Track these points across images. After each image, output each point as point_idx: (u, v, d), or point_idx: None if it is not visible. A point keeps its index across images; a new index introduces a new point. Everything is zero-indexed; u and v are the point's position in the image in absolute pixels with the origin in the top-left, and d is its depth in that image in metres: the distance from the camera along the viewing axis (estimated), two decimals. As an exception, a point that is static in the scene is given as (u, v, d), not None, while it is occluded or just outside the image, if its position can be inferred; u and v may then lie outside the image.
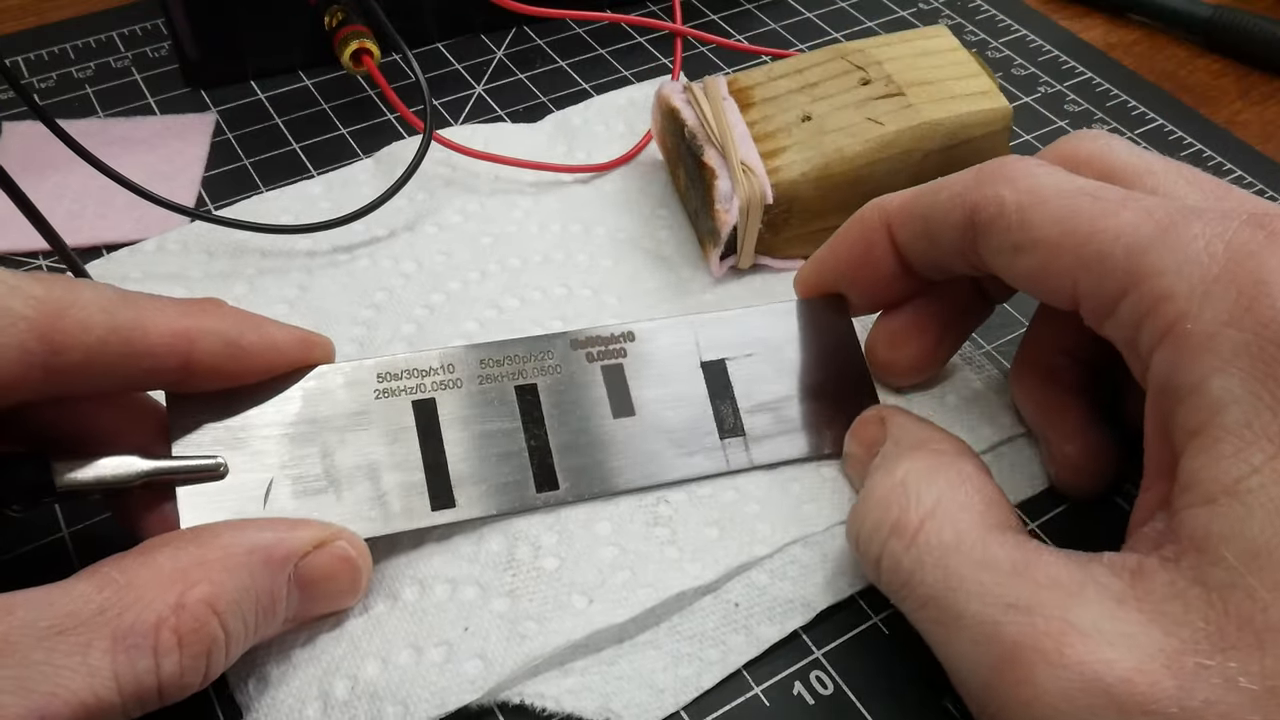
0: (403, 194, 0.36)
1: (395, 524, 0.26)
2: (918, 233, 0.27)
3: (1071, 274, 0.24)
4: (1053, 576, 0.21)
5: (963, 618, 0.22)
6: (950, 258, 0.27)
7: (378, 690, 0.25)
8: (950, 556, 0.22)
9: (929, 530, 0.23)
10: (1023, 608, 0.21)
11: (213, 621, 0.22)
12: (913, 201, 0.28)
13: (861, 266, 0.29)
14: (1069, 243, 0.23)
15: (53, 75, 0.44)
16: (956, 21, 0.48)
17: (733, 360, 0.30)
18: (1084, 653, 0.20)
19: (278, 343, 0.26)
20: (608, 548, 0.27)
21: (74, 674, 0.20)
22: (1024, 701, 0.20)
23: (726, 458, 0.29)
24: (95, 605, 0.21)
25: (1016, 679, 0.20)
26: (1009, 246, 0.25)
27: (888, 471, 0.25)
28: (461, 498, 0.27)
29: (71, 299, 0.23)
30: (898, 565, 0.23)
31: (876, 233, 0.28)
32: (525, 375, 0.28)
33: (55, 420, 0.25)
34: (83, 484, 0.24)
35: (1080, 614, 0.20)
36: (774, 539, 0.28)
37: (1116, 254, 0.22)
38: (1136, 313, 0.22)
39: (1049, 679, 0.20)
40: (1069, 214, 0.24)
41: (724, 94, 0.35)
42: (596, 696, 0.25)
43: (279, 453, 0.26)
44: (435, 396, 0.28)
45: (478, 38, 0.46)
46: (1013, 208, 0.24)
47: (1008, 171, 0.25)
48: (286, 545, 0.24)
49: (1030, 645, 0.20)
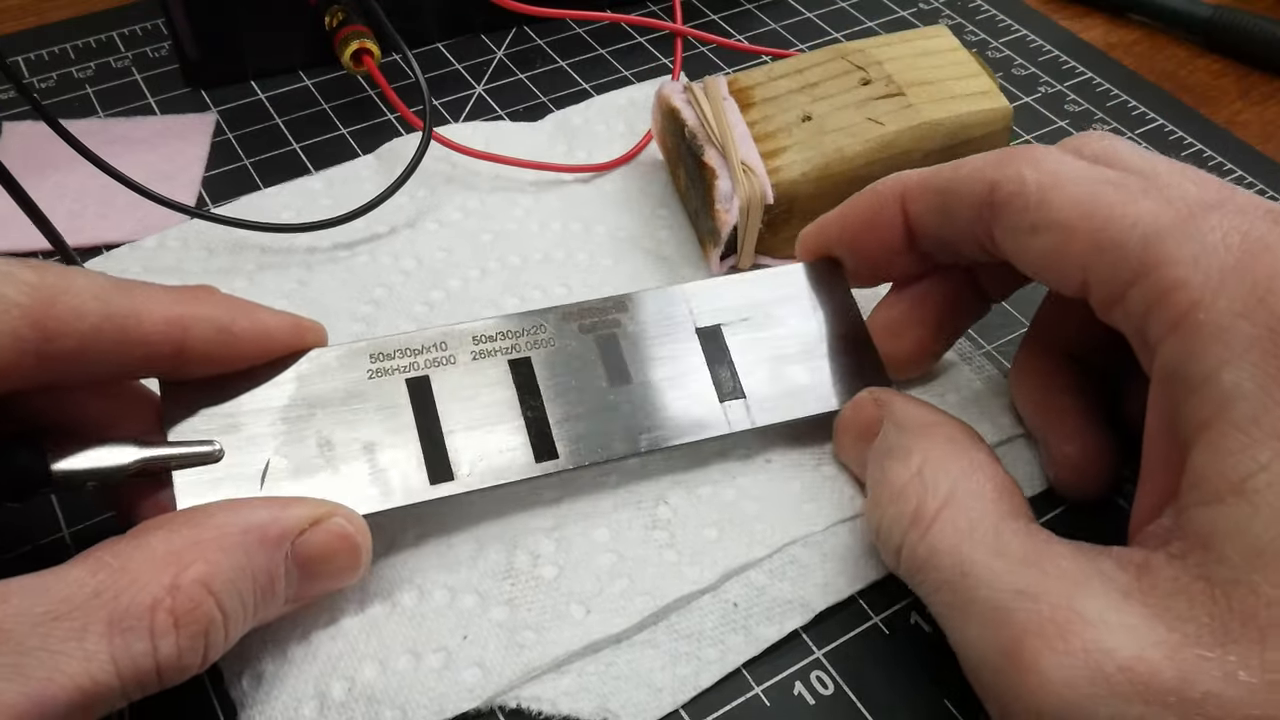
0: (403, 190, 0.36)
1: (394, 499, 0.26)
2: (933, 206, 0.27)
3: (1084, 258, 0.23)
4: (1061, 567, 0.21)
5: (974, 603, 0.22)
6: (962, 236, 0.27)
7: (375, 693, 0.25)
8: (964, 543, 0.23)
9: (944, 519, 0.23)
10: (1031, 595, 0.21)
11: (208, 601, 0.21)
12: (932, 176, 0.27)
13: (868, 233, 0.29)
14: (1085, 226, 0.23)
15: (53, 75, 0.44)
16: (956, 21, 0.48)
17: (728, 325, 0.30)
18: (1088, 640, 0.20)
19: (270, 328, 0.26)
20: (606, 554, 0.27)
21: (70, 659, 0.20)
22: (1030, 686, 0.20)
23: (728, 420, 0.29)
24: (90, 589, 0.20)
25: (1023, 664, 0.20)
26: (1025, 226, 0.25)
27: (903, 461, 0.25)
28: (460, 471, 0.27)
29: (65, 285, 0.23)
30: (914, 553, 0.24)
31: (890, 203, 0.28)
32: (519, 349, 0.28)
33: (48, 409, 0.25)
34: (77, 472, 0.24)
35: (1086, 604, 0.20)
36: (773, 540, 0.28)
37: (1132, 240, 0.22)
38: (1147, 300, 0.22)
39: (1053, 665, 0.20)
40: (1089, 198, 0.24)
41: (724, 94, 0.35)
42: (594, 697, 0.25)
43: (274, 435, 0.26)
44: (429, 374, 0.27)
45: (478, 38, 0.46)
46: (1033, 187, 0.24)
47: (1032, 154, 0.25)
48: (282, 523, 0.23)
49: (1037, 631, 0.20)
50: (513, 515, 0.28)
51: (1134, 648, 0.20)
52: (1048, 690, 0.20)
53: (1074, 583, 0.21)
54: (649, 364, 0.29)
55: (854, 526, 0.28)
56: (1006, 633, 0.21)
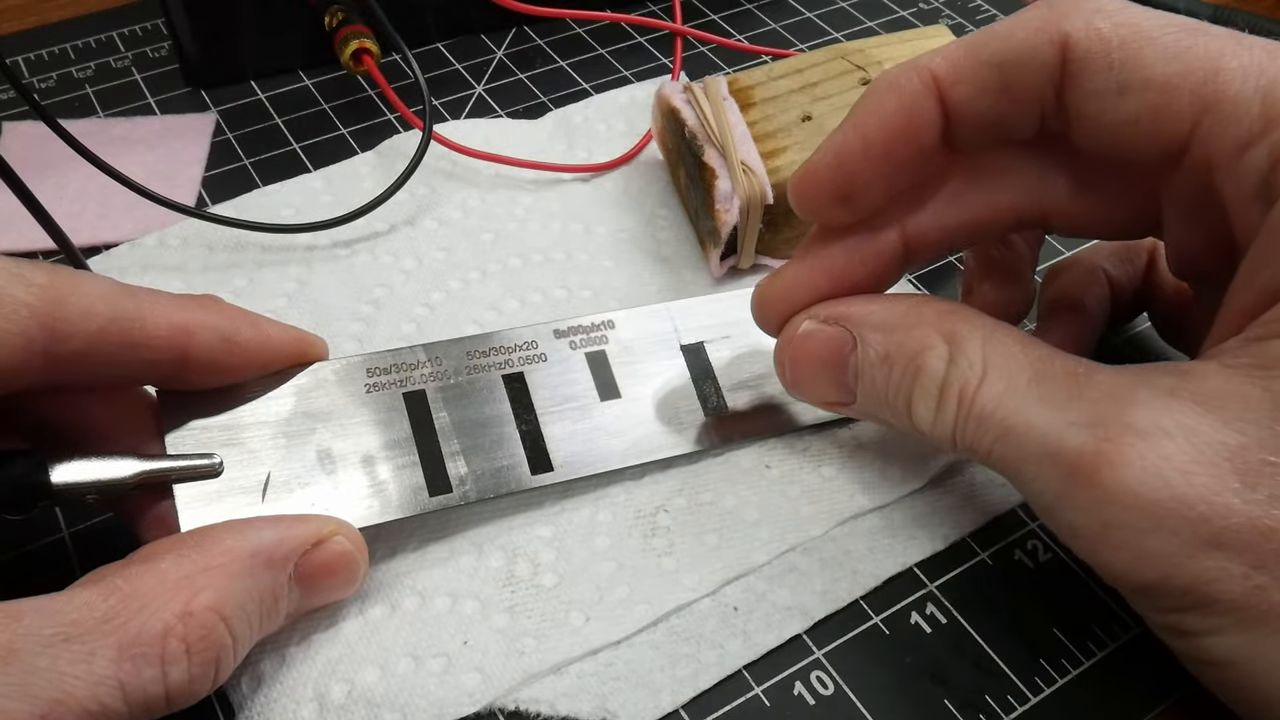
0: (403, 188, 0.36)
1: (393, 512, 0.26)
2: (988, 85, 0.24)
3: (1191, 116, 0.22)
4: (1106, 388, 0.21)
5: (1027, 447, 0.22)
6: (1023, 112, 0.24)
7: (375, 696, 0.25)
8: (1006, 402, 0.22)
9: (984, 390, 0.23)
10: (1083, 422, 0.21)
11: (220, 628, 0.22)
12: (977, 49, 0.24)
13: (900, 146, 0.24)
14: (1190, 82, 0.21)
15: (53, 75, 0.44)
16: (956, 22, 0.48)
17: (710, 343, 0.31)
18: (1144, 449, 0.20)
19: (273, 340, 0.26)
20: (605, 562, 0.27)
21: (79, 681, 0.20)
22: (1092, 504, 0.21)
23: (713, 435, 0.29)
24: (100, 613, 0.21)
25: (1084, 484, 0.21)
26: (1113, 87, 0.22)
27: (934, 356, 0.24)
28: (457, 484, 0.27)
29: (73, 287, 0.23)
30: (965, 431, 0.23)
31: (923, 96, 0.24)
32: (511, 365, 0.29)
33: (51, 413, 0.25)
34: (78, 485, 0.24)
35: (1136, 414, 0.20)
36: (772, 546, 0.28)
37: (1249, 94, 0.21)
38: (1273, 156, 0.21)
39: (1113, 480, 0.20)
40: (1185, 49, 0.22)
41: (724, 94, 0.35)
42: (593, 697, 0.25)
43: (274, 448, 0.26)
44: (425, 388, 0.28)
45: (478, 38, 0.46)
46: (1117, 41, 0.22)
47: (1092, 2, 0.23)
48: (287, 545, 0.24)
49: (1093, 451, 0.21)
50: (513, 523, 0.28)
51: (1190, 451, 0.20)
52: (1109, 503, 0.20)
53: (1119, 399, 0.21)
54: (637, 380, 0.30)
55: (854, 528, 0.28)
56: (1064, 460, 0.21)
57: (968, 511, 0.29)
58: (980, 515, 0.29)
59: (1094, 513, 0.21)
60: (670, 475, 0.29)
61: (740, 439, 0.30)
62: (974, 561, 0.28)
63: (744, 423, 0.30)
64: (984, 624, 0.27)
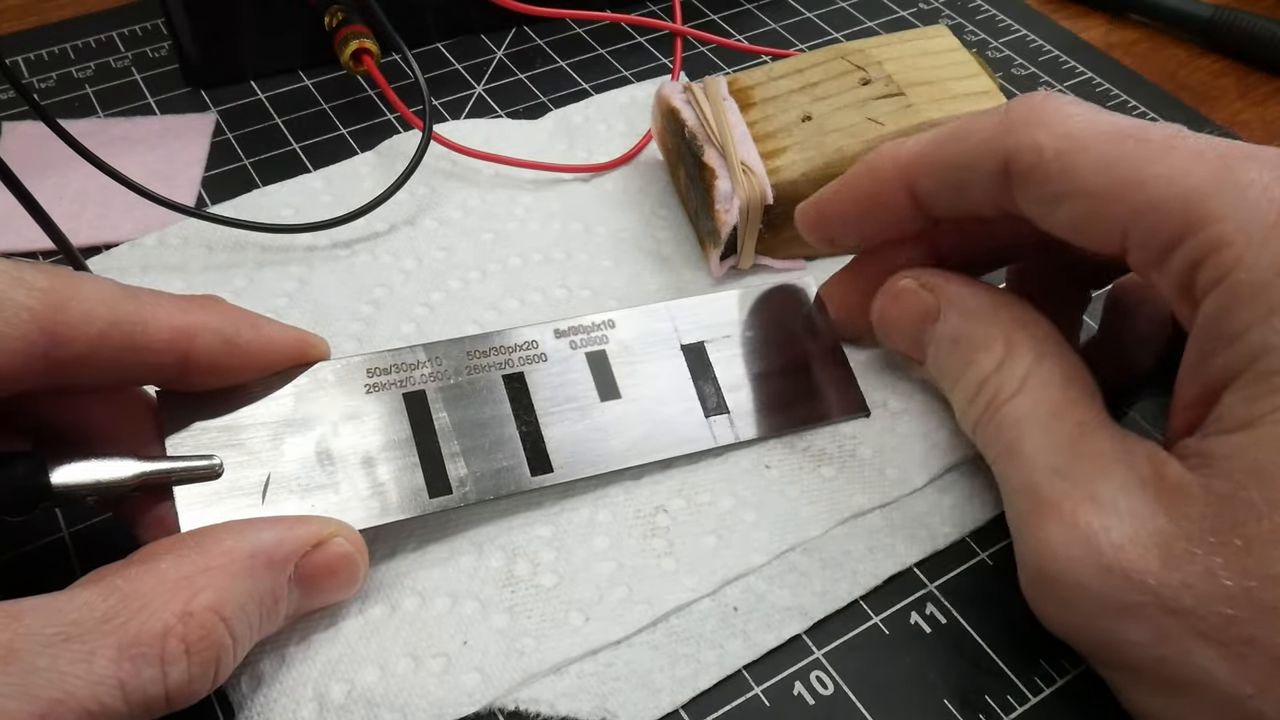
0: (403, 188, 0.36)
1: (394, 513, 0.26)
2: (944, 183, 0.26)
3: (1121, 222, 0.23)
4: (1096, 452, 0.23)
5: (1016, 476, 0.24)
6: (979, 205, 0.26)
7: (375, 696, 0.25)
8: (1021, 424, 0.25)
9: (1012, 404, 0.25)
10: (1061, 473, 0.23)
11: (220, 628, 0.22)
12: (935, 150, 0.26)
13: (870, 216, 0.29)
14: (1117, 190, 0.23)
15: (53, 75, 0.44)
16: (956, 21, 0.48)
17: (710, 342, 0.31)
18: (1092, 518, 0.22)
19: (274, 341, 0.26)
20: (605, 563, 0.27)
21: (79, 681, 0.20)
22: (1033, 548, 0.23)
23: (713, 435, 0.29)
24: (100, 613, 0.21)
25: (1035, 527, 0.23)
26: (1049, 196, 0.24)
27: (986, 352, 0.26)
28: (457, 484, 0.27)
29: (74, 290, 0.23)
30: (985, 431, 0.26)
31: (890, 185, 0.27)
32: (511, 365, 0.29)
33: (51, 415, 0.25)
34: (78, 486, 0.24)
35: (1102, 487, 0.23)
36: (771, 546, 0.28)
37: (1171, 201, 0.22)
38: (1191, 260, 0.22)
39: (1057, 533, 0.23)
40: (1115, 159, 0.23)
41: (724, 94, 0.35)
42: (592, 697, 0.25)
43: (274, 449, 0.26)
44: (425, 389, 0.28)
45: (478, 38, 0.46)
46: (1052, 155, 0.23)
47: (1040, 114, 0.24)
48: (288, 546, 0.24)
49: (1054, 503, 0.23)
50: (513, 523, 0.28)
51: (1130, 532, 0.22)
52: (1049, 555, 0.23)
53: (1099, 467, 0.23)
54: (637, 380, 0.30)
55: (853, 528, 0.28)
56: (1033, 500, 0.23)
57: (968, 511, 0.29)
58: (980, 515, 0.29)
59: (1036, 553, 0.23)
60: (670, 475, 0.29)
61: (740, 439, 0.30)
62: (974, 561, 0.28)
63: (744, 423, 0.30)
64: (984, 624, 0.27)
